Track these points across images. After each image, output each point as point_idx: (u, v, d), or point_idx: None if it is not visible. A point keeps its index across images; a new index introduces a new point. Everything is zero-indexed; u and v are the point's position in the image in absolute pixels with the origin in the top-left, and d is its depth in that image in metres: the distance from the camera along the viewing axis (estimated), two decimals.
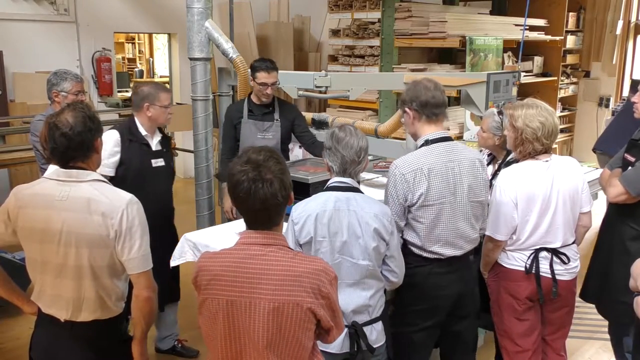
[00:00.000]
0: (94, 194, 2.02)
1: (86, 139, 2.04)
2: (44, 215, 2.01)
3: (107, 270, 2.07)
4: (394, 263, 2.40)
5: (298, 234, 2.27)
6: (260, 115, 3.89)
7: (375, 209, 2.32)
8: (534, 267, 2.71)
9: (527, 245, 2.73)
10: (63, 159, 2.05)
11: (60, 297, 2.07)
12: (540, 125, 2.63)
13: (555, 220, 2.70)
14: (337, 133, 2.36)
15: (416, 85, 2.62)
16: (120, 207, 2.02)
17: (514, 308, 2.78)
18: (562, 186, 2.70)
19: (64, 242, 2.01)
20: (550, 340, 2.92)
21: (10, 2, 6.50)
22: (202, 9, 4.14)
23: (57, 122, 2.02)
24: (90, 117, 2.07)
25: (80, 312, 2.08)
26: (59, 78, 3.45)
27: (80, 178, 2.05)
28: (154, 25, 7.94)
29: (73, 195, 2.01)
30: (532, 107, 2.68)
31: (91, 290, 2.06)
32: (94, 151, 2.10)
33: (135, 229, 2.04)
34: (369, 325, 2.36)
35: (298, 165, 3.59)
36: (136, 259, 2.06)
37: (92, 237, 2.00)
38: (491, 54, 5.74)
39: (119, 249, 2.04)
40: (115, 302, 2.13)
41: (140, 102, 3.25)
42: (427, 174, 2.46)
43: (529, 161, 2.71)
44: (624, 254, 2.87)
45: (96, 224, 2.00)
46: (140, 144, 3.28)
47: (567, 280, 2.78)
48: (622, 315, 2.88)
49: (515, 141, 2.71)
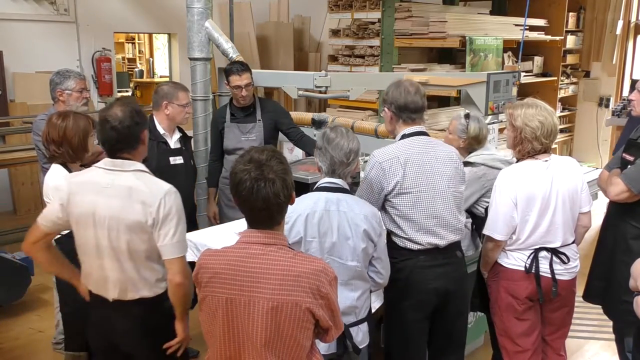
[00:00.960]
0: (136, 183, 2.15)
1: (133, 131, 2.20)
2: (91, 201, 2.16)
3: (146, 254, 2.19)
4: (380, 264, 2.42)
5: (287, 233, 2.25)
6: (242, 117, 3.90)
7: (365, 211, 2.34)
8: (534, 266, 2.71)
9: (526, 245, 2.73)
10: (111, 150, 2.20)
11: (107, 278, 2.21)
12: (540, 124, 2.63)
13: (555, 220, 2.70)
14: (329, 134, 2.39)
15: (398, 87, 2.66)
16: (158, 196, 2.14)
17: (514, 308, 2.77)
18: (562, 186, 2.70)
19: (107, 226, 2.15)
20: (550, 340, 2.91)
21: (10, 2, 6.50)
22: (202, 9, 4.14)
23: (107, 116, 2.17)
24: (137, 111, 2.23)
25: (126, 292, 2.22)
26: (62, 77, 3.51)
27: (125, 168, 2.19)
28: (154, 25, 7.94)
29: (117, 183, 2.16)
30: (531, 107, 2.69)
31: (133, 271, 2.19)
32: (141, 142, 2.25)
33: (171, 217, 2.15)
34: (356, 326, 2.38)
35: (298, 165, 3.60)
36: (170, 245, 2.17)
37: (132, 223, 2.14)
38: (491, 54, 5.74)
39: (155, 235, 2.16)
40: (156, 282, 2.25)
41: (159, 100, 3.30)
42: (403, 163, 2.52)
43: (529, 161, 2.71)
44: (626, 253, 2.86)
45: (136, 211, 2.13)
46: (158, 142, 3.34)
47: (567, 280, 2.78)
48: (628, 315, 2.86)
49: (515, 140, 2.71)
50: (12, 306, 4.35)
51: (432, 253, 2.58)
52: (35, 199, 6.78)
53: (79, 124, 2.72)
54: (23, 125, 5.96)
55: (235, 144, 3.85)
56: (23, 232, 6.38)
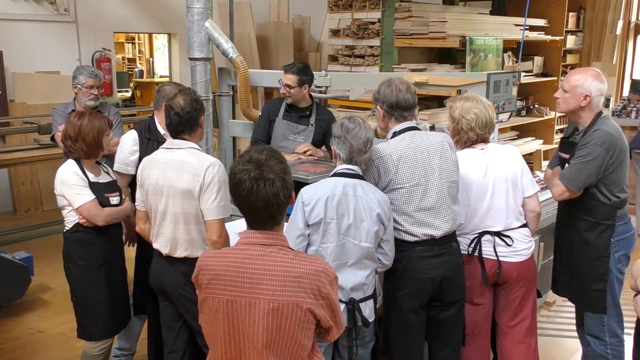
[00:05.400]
0: (187, 158, 2.59)
1: (193, 116, 2.63)
2: (155, 174, 2.63)
3: (195, 217, 2.60)
4: (387, 247, 2.58)
5: (308, 215, 2.42)
6: (295, 117, 3.90)
7: (379, 196, 2.52)
8: (477, 250, 2.85)
9: (469, 229, 2.88)
10: (174, 132, 2.66)
11: (163, 236, 2.66)
12: (475, 116, 2.85)
13: (494, 204, 2.85)
14: (347, 124, 2.54)
15: (389, 85, 2.75)
16: (204, 167, 2.55)
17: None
18: (498, 172, 2.86)
19: (165, 194, 2.60)
20: (508, 328, 2.99)
21: (10, 2, 6.50)
22: (202, 9, 4.14)
23: (172, 104, 2.63)
24: (196, 99, 2.66)
25: (176, 250, 2.65)
26: (77, 71, 3.90)
27: (181, 146, 2.63)
28: (154, 25, 7.95)
29: (174, 159, 2.61)
30: (469, 100, 2.91)
31: (183, 232, 2.62)
32: (199, 126, 2.68)
33: (213, 185, 2.55)
34: (364, 302, 2.55)
35: (298, 165, 3.59)
36: (210, 208, 2.56)
37: (184, 190, 2.56)
38: (491, 54, 5.73)
39: (200, 200, 2.56)
40: (202, 244, 2.64)
41: (161, 100, 3.31)
42: (395, 160, 2.63)
43: (466, 150, 2.91)
44: (582, 245, 3.06)
45: (186, 180, 2.55)
46: (158, 142, 3.32)
47: (515, 263, 2.88)
48: (596, 302, 3.06)
49: (453, 130, 2.94)
50: (12, 306, 4.35)
51: (429, 244, 2.64)
52: (35, 199, 6.79)
53: (93, 122, 2.89)
54: (23, 125, 5.97)
55: (282, 141, 3.84)
56: (23, 232, 6.42)
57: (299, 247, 2.42)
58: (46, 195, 6.70)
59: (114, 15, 7.34)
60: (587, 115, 2.98)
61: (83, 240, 2.90)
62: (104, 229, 2.91)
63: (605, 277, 3.01)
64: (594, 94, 2.93)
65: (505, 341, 3.01)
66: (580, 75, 2.97)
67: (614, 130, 2.92)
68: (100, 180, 2.96)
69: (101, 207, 2.88)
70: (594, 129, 2.93)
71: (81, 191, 2.84)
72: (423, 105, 5.19)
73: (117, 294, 3.02)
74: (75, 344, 3.67)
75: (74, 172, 2.86)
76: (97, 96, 3.90)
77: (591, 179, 2.92)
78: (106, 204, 2.91)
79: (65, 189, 2.85)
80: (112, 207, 2.94)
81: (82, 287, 2.94)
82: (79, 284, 2.95)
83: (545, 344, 3.84)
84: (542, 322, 4.16)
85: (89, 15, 7.09)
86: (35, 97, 6.59)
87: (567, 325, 4.10)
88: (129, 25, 7.81)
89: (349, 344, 2.52)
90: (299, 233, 2.43)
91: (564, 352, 3.87)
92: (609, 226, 2.99)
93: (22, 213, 6.69)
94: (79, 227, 2.89)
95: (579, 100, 2.95)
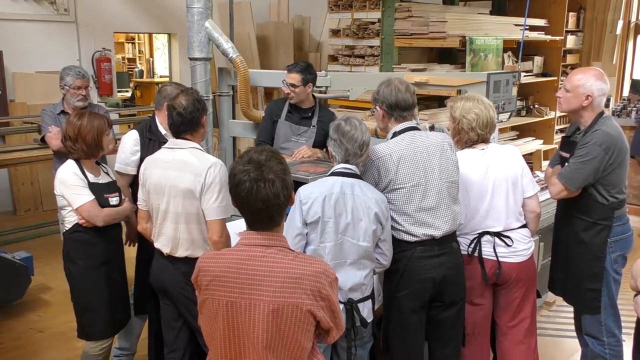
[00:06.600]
0: (189, 158, 2.60)
1: (195, 116, 2.65)
2: (157, 174, 2.64)
3: (196, 217, 2.61)
4: (385, 246, 2.59)
5: (305, 214, 2.42)
6: (298, 118, 3.88)
7: (376, 196, 2.53)
8: (477, 250, 2.85)
9: (469, 230, 2.87)
10: (177, 132, 2.67)
11: (165, 235, 2.67)
12: (476, 116, 2.84)
13: (494, 204, 2.84)
14: (343, 126, 2.53)
15: (388, 85, 2.75)
16: (206, 167, 2.56)
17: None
18: (499, 172, 2.85)
19: (167, 193, 2.61)
20: (507, 328, 2.98)
21: (10, 2, 6.50)
22: (202, 9, 4.14)
23: (174, 104, 2.64)
24: (198, 99, 2.68)
25: (177, 249, 2.66)
26: (64, 72, 3.84)
27: (182, 146, 2.65)
28: (154, 25, 7.95)
29: (175, 159, 2.62)
30: (470, 100, 2.89)
31: (185, 232, 2.63)
32: (201, 126, 2.70)
33: (214, 185, 2.55)
34: (362, 302, 2.55)
35: (298, 165, 3.59)
36: (212, 208, 2.57)
37: (185, 190, 2.57)
38: (491, 54, 5.73)
39: (201, 200, 2.57)
40: (203, 243, 2.65)
41: (161, 100, 3.30)
42: (396, 161, 2.62)
43: (467, 150, 2.90)
44: (579, 245, 3.06)
45: (188, 180, 2.56)
46: (159, 142, 3.31)
47: (514, 263, 2.88)
48: (590, 301, 3.07)
49: (454, 130, 2.92)
50: (12, 306, 4.35)
51: (429, 244, 2.64)
52: (35, 199, 6.79)
53: (93, 123, 2.90)
54: (23, 125, 5.96)
55: (283, 142, 3.83)
56: (23, 232, 6.41)
57: (298, 246, 2.42)
58: (46, 195, 6.70)
59: (114, 15, 7.34)
60: (588, 115, 2.98)
61: (83, 240, 2.91)
62: (103, 229, 2.91)
63: (600, 277, 3.02)
64: (595, 94, 2.93)
65: (505, 341, 3.01)
66: (582, 75, 2.97)
67: (614, 131, 2.92)
68: (99, 180, 2.96)
69: (100, 207, 2.88)
70: (594, 129, 2.93)
71: (81, 191, 2.85)
72: (423, 105, 5.19)
73: (117, 294, 3.03)
74: (75, 344, 3.66)
75: (73, 173, 2.87)
76: (86, 96, 3.87)
77: (589, 178, 2.92)
78: (105, 205, 2.91)
79: (64, 189, 2.86)
80: (112, 208, 2.94)
81: (82, 287, 2.94)
82: (78, 284, 2.95)
83: (545, 344, 3.84)
84: (542, 322, 4.16)
85: (89, 15, 7.09)
86: (35, 97, 6.58)
87: (567, 325, 4.09)
88: (128, 25, 7.81)
89: (347, 345, 2.52)
90: (297, 232, 2.43)
91: (564, 352, 3.87)
92: (606, 226, 2.99)
93: (22, 213, 6.69)
94: (79, 227, 2.89)
95: (580, 100, 2.95)
